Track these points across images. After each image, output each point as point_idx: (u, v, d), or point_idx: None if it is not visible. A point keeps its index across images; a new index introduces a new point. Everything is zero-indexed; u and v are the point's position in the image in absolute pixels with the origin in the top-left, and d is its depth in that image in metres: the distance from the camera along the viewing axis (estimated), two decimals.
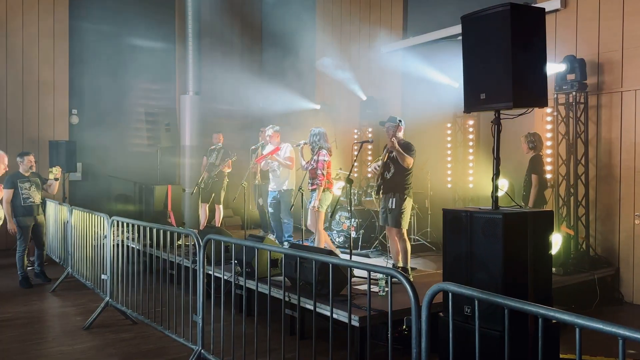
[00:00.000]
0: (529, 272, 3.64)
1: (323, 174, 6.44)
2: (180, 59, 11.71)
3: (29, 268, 7.46)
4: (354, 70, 10.31)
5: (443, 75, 8.27)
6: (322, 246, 6.56)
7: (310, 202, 6.68)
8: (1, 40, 9.95)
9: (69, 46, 10.65)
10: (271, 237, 7.78)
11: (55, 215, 7.78)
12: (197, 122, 11.15)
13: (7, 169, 6.79)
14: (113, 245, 5.63)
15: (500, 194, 3.94)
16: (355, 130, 10.34)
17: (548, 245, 3.85)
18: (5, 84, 10.00)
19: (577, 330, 1.89)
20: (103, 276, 5.74)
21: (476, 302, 2.30)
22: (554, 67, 6.61)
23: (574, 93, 6.73)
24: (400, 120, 5.85)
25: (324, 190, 6.50)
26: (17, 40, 10.11)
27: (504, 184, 6.89)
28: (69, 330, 5.36)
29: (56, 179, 7.33)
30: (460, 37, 4.03)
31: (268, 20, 12.92)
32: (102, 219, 5.91)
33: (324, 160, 6.53)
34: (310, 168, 6.62)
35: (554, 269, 5.33)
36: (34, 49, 10.28)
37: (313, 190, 6.60)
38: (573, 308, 5.83)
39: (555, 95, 6.86)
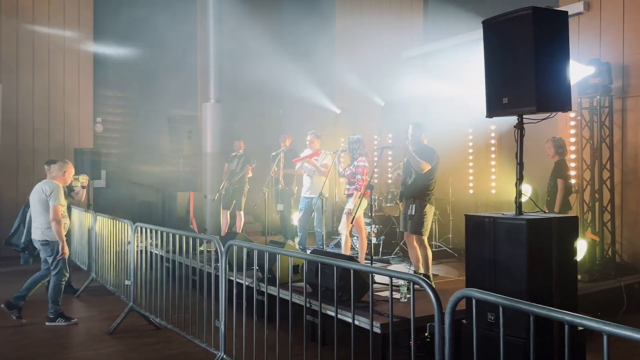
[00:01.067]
0: (554, 279, 3.59)
1: (362, 179, 6.44)
2: (202, 67, 11.85)
3: None
4: (374, 76, 10.30)
5: (464, 79, 8.21)
6: (363, 249, 6.56)
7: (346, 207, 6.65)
8: (27, 50, 10.20)
9: (94, 56, 10.87)
10: (291, 242, 7.78)
11: (79, 222, 7.91)
12: (218, 130, 11.25)
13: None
14: (137, 251, 5.71)
15: (523, 199, 3.89)
16: (376, 136, 10.32)
17: (573, 252, 3.79)
18: (32, 93, 10.23)
19: (605, 337, 1.85)
20: (127, 282, 5.82)
21: (500, 308, 2.27)
22: (581, 70, 6.50)
23: (598, 97, 6.62)
24: (421, 126, 5.85)
25: (361, 197, 6.48)
26: (43, 50, 10.35)
27: (527, 189, 6.80)
28: (93, 335, 5.44)
29: (83, 187, 7.28)
30: (481, 41, 4.01)
31: (288, 27, 13.00)
32: (125, 225, 5.99)
33: (364, 166, 6.52)
34: (348, 173, 6.59)
35: (579, 276, 5.24)
36: (60, 59, 10.51)
37: (350, 195, 6.55)
38: (599, 315, 5.71)
39: (579, 100, 6.77)
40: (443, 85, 8.61)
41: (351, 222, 6.29)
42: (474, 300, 2.42)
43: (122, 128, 11.23)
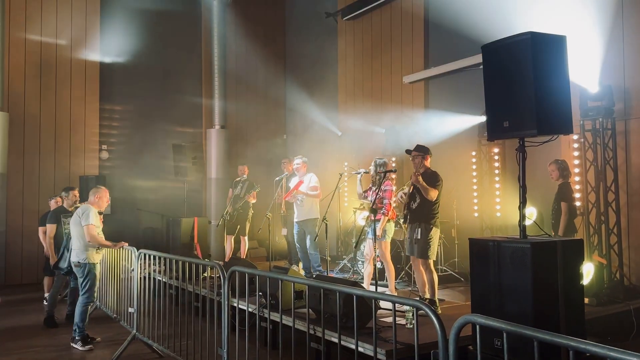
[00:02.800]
0: (560, 303, 3.55)
1: (391, 204, 6.39)
2: (206, 94, 11.98)
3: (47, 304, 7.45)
4: (377, 99, 10.38)
5: (466, 103, 8.26)
6: (392, 277, 6.48)
7: (370, 233, 6.52)
8: (35, 80, 10.35)
9: (100, 84, 11.01)
10: (295, 268, 7.74)
11: None
12: (222, 155, 11.33)
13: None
14: (140, 278, 5.69)
15: (528, 222, 3.87)
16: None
17: (579, 275, 3.75)
18: (39, 120, 10.35)
19: None
20: (130, 309, 5.78)
21: (504, 334, 2.24)
22: (586, 92, 6.56)
23: (600, 119, 6.63)
24: (427, 149, 5.85)
25: (388, 221, 6.43)
26: (50, 79, 10.50)
27: (531, 212, 6.75)
28: None
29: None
30: (481, 66, 4.05)
31: (291, 53, 13.18)
32: (129, 252, 5.99)
33: (392, 190, 6.49)
34: (377, 198, 6.48)
35: (586, 300, 5.18)
36: (66, 87, 10.65)
37: (378, 220, 6.27)
38: (609, 340, 5.61)
39: (581, 122, 6.77)
40: (445, 108, 8.65)
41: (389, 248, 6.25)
42: (478, 326, 2.39)
43: (127, 155, 11.30)
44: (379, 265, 7.64)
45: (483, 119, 7.74)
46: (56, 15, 10.57)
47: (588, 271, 5.91)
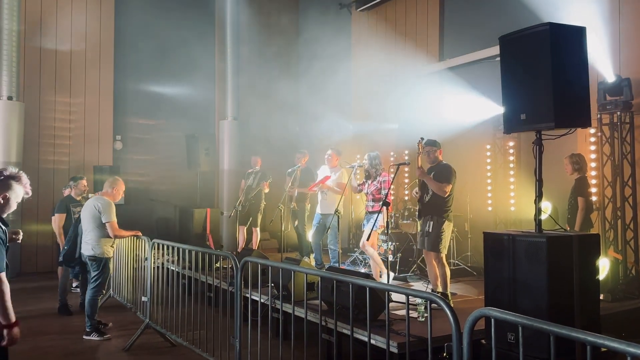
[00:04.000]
0: (575, 298, 3.51)
1: (390, 194, 6.42)
2: (219, 86, 11.99)
3: (73, 290, 7.55)
4: (391, 92, 10.31)
5: (481, 96, 8.17)
6: (378, 268, 6.54)
7: (367, 224, 6.59)
8: (50, 68, 10.43)
9: (114, 74, 11.07)
10: (307, 259, 7.75)
11: None
12: (235, 147, 11.35)
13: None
14: (154, 267, 5.73)
15: (543, 217, 3.83)
16: (392, 153, 10.29)
17: (595, 270, 3.71)
18: (54, 111, 10.43)
19: (629, 359, 1.79)
20: (143, 298, 5.83)
21: (520, 328, 2.22)
22: (605, 83, 6.47)
23: (618, 113, 6.53)
24: (438, 143, 5.83)
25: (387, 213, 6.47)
26: (65, 68, 10.58)
27: (547, 206, 6.68)
28: (109, 351, 5.44)
29: None
30: (498, 58, 3.99)
31: (305, 44, 13.11)
32: (143, 241, 6.03)
33: (390, 180, 6.51)
34: (373, 189, 6.57)
35: (601, 295, 5.12)
36: (81, 77, 10.72)
37: (375, 212, 6.39)
38: (623, 336, 5.54)
39: (598, 115, 6.67)
40: (460, 101, 8.57)
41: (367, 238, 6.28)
42: (492, 320, 2.37)
43: (141, 145, 11.37)
44: (391, 258, 7.63)
45: (498, 112, 7.66)
46: (71, 7, 10.62)
47: (603, 267, 5.85)
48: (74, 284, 7.80)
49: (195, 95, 11.91)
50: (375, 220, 6.10)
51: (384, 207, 5.82)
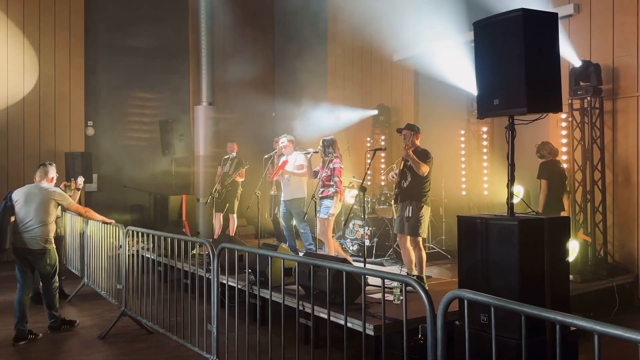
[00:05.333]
0: (546, 280, 3.60)
1: (341, 181, 6.49)
2: (193, 70, 11.82)
3: None
4: (366, 78, 10.32)
5: (455, 82, 8.24)
6: (332, 254, 6.57)
7: (320, 211, 6.67)
8: (18, 54, 10.13)
9: (84, 59, 10.82)
10: (284, 246, 7.76)
11: (71, 226, 7.86)
12: (211, 132, 11.23)
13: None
14: (128, 255, 5.67)
15: (515, 200, 3.90)
16: (368, 138, 10.33)
17: (565, 252, 3.81)
18: (23, 97, 10.17)
19: (596, 337, 1.86)
20: (118, 286, 5.78)
21: (492, 309, 2.27)
22: (573, 68, 6.59)
23: (589, 98, 6.66)
24: (417, 128, 5.88)
25: (340, 200, 6.53)
26: (33, 54, 10.29)
27: (519, 190, 6.82)
28: (85, 340, 5.39)
29: (78, 189, 7.10)
30: (472, 44, 4.02)
31: (280, 29, 13.00)
32: (117, 229, 5.96)
33: (340, 168, 6.62)
34: (324, 175, 6.64)
35: (571, 277, 5.26)
36: (50, 63, 10.45)
37: (325, 197, 6.60)
38: (592, 316, 5.73)
39: (569, 101, 6.80)
40: (435, 87, 8.63)
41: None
42: (465, 301, 2.42)
43: (113, 131, 11.17)
44: (368, 242, 7.70)
45: (473, 97, 7.74)
46: None
47: (573, 249, 6.00)
48: None
49: (170, 80, 11.73)
50: (322, 207, 6.31)
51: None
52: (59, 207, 5.72)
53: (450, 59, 8.33)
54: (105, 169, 10.91)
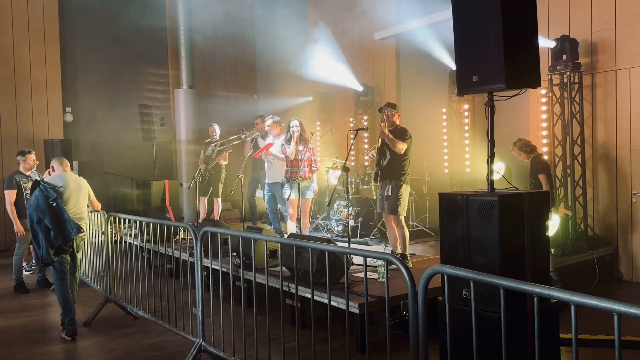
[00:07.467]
0: (527, 254, 3.64)
1: (318, 161, 6.63)
2: (172, 53, 11.63)
3: (27, 272, 7.32)
4: (348, 58, 10.25)
5: (436, 60, 8.23)
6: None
7: (306, 193, 6.73)
8: None
9: (60, 44, 10.57)
10: (269, 228, 7.77)
11: None
12: (192, 116, 11.10)
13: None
14: (111, 241, 5.63)
15: (496, 177, 3.92)
16: (351, 119, 10.31)
17: (545, 227, 3.85)
18: None
19: (573, 307, 1.89)
20: (101, 272, 5.75)
21: (472, 283, 2.30)
22: (547, 45, 6.59)
23: (568, 73, 6.70)
24: (395, 106, 5.88)
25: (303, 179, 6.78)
26: (7, 39, 10.03)
27: (500, 167, 6.86)
28: None
29: None
30: (451, 21, 4.00)
31: (260, 9, 12.82)
32: (99, 215, 5.90)
33: (312, 147, 6.90)
34: (305, 157, 6.71)
35: (552, 250, 5.34)
36: (25, 48, 10.20)
37: (307, 178, 6.78)
38: (573, 288, 5.84)
39: (549, 76, 6.84)
40: (416, 65, 8.61)
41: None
42: (446, 277, 2.44)
43: (93, 117, 10.98)
44: (352, 222, 7.73)
45: (453, 74, 7.74)
46: None
47: (554, 223, 6.08)
48: (24, 264, 7.42)
49: (149, 64, 11.55)
50: (309, 188, 6.64)
51: (345, 173, 5.85)
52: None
53: (431, 38, 8.31)
54: (86, 156, 10.76)
